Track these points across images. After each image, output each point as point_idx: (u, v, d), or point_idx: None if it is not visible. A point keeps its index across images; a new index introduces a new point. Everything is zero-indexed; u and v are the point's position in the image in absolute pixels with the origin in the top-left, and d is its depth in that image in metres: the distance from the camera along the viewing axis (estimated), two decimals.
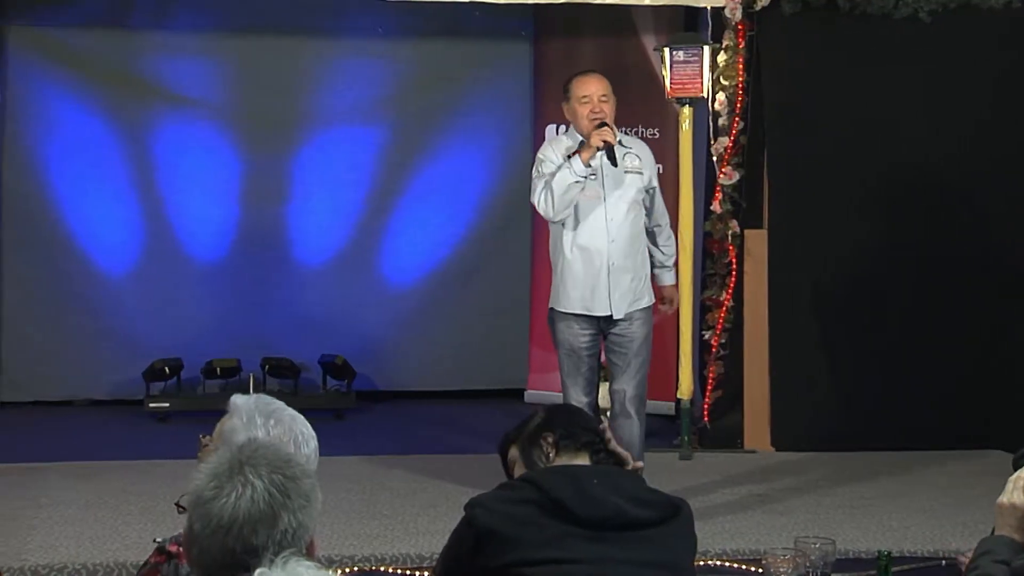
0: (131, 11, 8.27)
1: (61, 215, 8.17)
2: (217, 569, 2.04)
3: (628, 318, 5.73)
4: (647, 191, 5.81)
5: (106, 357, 8.17)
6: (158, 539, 2.85)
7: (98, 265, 8.24)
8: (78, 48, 8.17)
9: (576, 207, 5.67)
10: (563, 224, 5.71)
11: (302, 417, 2.78)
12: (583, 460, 3.03)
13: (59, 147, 8.16)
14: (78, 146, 8.15)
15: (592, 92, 5.68)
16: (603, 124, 5.61)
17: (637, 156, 5.77)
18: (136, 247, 8.31)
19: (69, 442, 7.21)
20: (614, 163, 5.60)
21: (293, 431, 2.72)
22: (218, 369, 7.99)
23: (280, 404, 2.80)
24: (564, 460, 3.01)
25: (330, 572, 2.08)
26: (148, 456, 6.70)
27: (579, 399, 5.69)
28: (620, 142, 5.70)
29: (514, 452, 3.12)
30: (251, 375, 8.00)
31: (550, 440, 3.04)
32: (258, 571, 2.00)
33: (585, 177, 5.58)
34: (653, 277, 5.91)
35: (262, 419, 2.72)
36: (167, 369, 7.92)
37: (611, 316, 5.69)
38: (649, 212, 5.85)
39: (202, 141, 8.30)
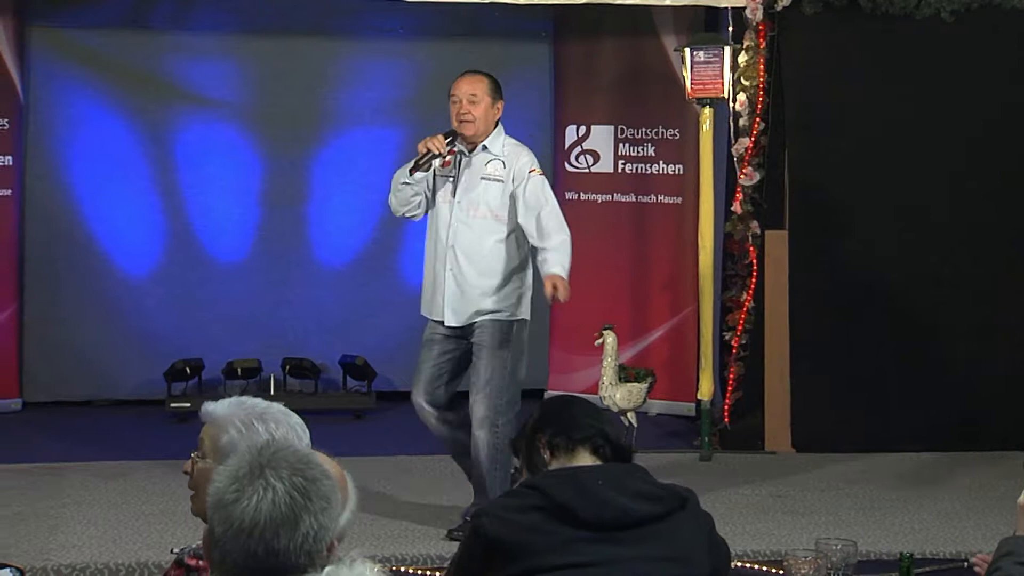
0: (152, 12, 8.29)
1: (83, 215, 8.20)
2: (240, 572, 2.04)
3: (478, 327, 5.55)
4: (511, 199, 5.55)
5: (128, 357, 8.19)
6: (175, 550, 2.83)
7: (120, 265, 8.27)
8: (100, 49, 8.19)
9: (434, 209, 5.64)
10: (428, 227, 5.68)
11: (285, 409, 2.73)
12: (583, 456, 2.96)
13: (81, 148, 8.18)
14: (100, 147, 8.18)
15: (459, 92, 5.62)
16: (450, 132, 5.55)
17: (502, 163, 5.60)
18: (157, 247, 8.33)
19: (91, 442, 7.23)
20: (412, 171, 5.50)
21: (294, 429, 2.67)
22: (239, 369, 8.01)
23: (264, 402, 2.74)
24: (562, 461, 2.95)
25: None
26: (169, 456, 6.70)
27: (416, 398, 5.63)
28: (485, 147, 5.60)
29: (519, 457, 3.08)
30: (272, 375, 8.02)
31: (543, 441, 2.99)
32: (327, 569, 2.02)
33: (412, 182, 5.54)
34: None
35: (261, 425, 2.67)
36: (188, 369, 7.93)
37: (443, 322, 5.58)
38: (522, 220, 5.51)
39: (223, 142, 8.32)
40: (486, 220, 5.55)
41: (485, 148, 5.61)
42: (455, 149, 5.61)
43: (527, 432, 3.04)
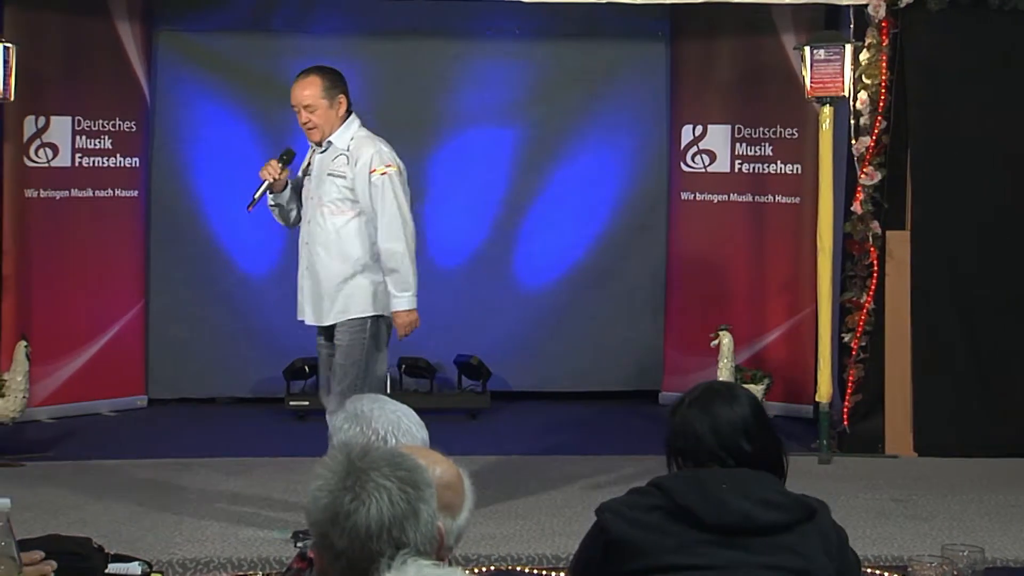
0: (274, 16, 8.44)
1: (205, 216, 8.36)
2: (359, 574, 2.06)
3: (338, 328, 5.51)
4: (360, 195, 5.46)
5: (248, 356, 8.33)
6: (299, 544, 2.87)
7: (241, 265, 8.41)
8: (223, 52, 8.35)
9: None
10: None
11: (399, 413, 2.72)
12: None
13: (204, 149, 8.35)
14: (222, 148, 8.33)
15: (295, 102, 5.57)
16: (285, 152, 5.62)
17: (346, 158, 5.49)
18: (277, 247, 8.43)
19: (214, 439, 7.37)
20: (248, 207, 5.63)
21: (365, 435, 2.68)
22: None
23: (372, 414, 2.74)
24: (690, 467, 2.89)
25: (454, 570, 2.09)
26: (288, 453, 6.82)
27: (323, 397, 5.65)
28: (331, 143, 5.52)
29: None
30: (387, 374, 8.09)
31: (676, 446, 2.91)
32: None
33: (273, 203, 5.65)
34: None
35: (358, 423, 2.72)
36: (307, 368, 8.04)
37: (304, 322, 5.60)
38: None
39: None
40: (333, 216, 5.51)
41: (331, 144, 5.55)
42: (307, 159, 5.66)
43: (675, 422, 2.92)
